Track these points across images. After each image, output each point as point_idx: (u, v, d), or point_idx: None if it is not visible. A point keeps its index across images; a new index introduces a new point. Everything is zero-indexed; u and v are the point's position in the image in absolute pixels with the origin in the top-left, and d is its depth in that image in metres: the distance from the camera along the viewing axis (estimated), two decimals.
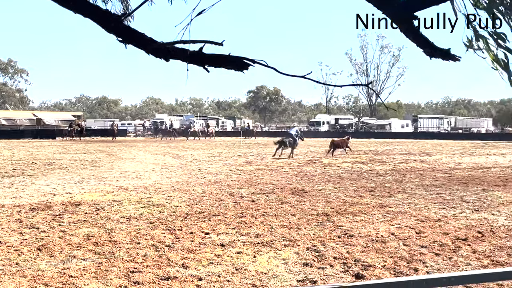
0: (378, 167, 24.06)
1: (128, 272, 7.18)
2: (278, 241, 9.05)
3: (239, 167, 23.54)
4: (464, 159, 29.35)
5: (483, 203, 13.24)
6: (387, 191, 15.56)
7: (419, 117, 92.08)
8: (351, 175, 20.34)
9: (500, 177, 19.41)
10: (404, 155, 33.55)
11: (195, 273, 7.10)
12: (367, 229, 10.06)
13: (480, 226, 10.38)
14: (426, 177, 19.58)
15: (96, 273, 7.15)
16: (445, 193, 15.14)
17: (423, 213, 11.87)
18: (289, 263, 7.64)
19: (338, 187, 16.49)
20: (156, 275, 7.03)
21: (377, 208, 12.44)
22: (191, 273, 7.13)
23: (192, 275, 7.03)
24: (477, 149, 40.11)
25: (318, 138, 67.32)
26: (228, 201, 13.45)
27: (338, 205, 12.83)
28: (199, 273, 7.11)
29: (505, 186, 16.62)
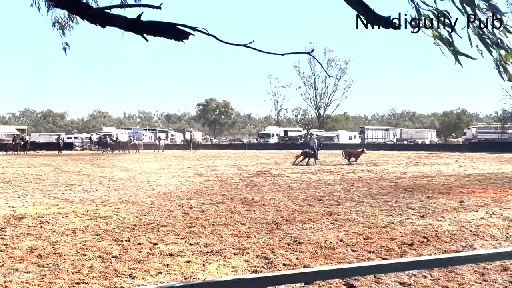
0: (326, 177, 24.35)
1: (73, 283, 6.98)
2: (227, 249, 9.00)
3: (188, 179, 23.37)
4: (410, 169, 30.06)
5: (428, 210, 13.57)
6: (335, 199, 15.74)
7: (366, 128, 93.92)
8: (300, 185, 20.50)
9: (444, 185, 19.96)
10: (351, 165, 34.08)
11: (143, 283, 6.97)
12: (316, 236, 10.14)
13: (425, 232, 10.62)
14: (373, 186, 19.93)
15: (39, 285, 6.92)
16: (392, 200, 15.44)
17: (371, 220, 12.05)
18: (239, 271, 7.61)
19: (288, 196, 16.58)
20: (103, 286, 6.87)
21: (325, 216, 12.56)
22: (139, 283, 7.00)
23: (139, 285, 6.89)
24: (421, 159, 41.17)
25: (268, 150, 67.75)
26: (177, 212, 13.31)
27: (287, 214, 12.89)
28: (147, 283, 6.98)
29: (448, 194, 17.09)
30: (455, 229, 10.95)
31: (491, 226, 11.30)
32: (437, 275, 7.34)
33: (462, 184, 20.37)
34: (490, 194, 17.02)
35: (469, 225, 11.34)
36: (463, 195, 16.72)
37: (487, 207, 14.04)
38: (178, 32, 2.94)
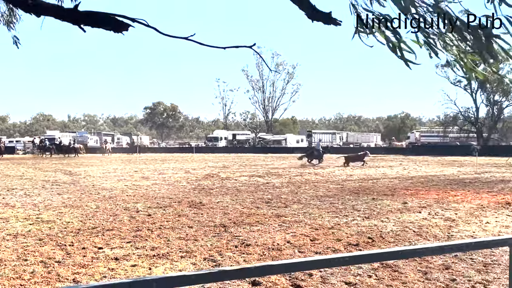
0: (274, 180, 24.48)
1: None
2: (174, 252, 8.90)
3: (135, 183, 23.03)
4: (355, 171, 30.58)
5: (373, 211, 13.83)
6: (283, 202, 15.83)
7: (313, 132, 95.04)
8: (249, 188, 20.53)
9: (388, 187, 20.40)
10: (299, 168, 34.40)
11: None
12: (264, 238, 10.16)
13: (370, 232, 10.81)
14: (320, 188, 20.16)
15: None
16: (338, 202, 15.66)
17: (317, 221, 12.18)
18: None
19: (236, 199, 16.57)
20: None
21: (273, 218, 12.61)
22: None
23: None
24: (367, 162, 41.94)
25: (216, 154, 67.60)
26: (123, 216, 13.08)
27: (235, 216, 12.87)
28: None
29: (393, 195, 17.47)
30: (399, 229, 11.19)
31: (433, 226, 11.61)
32: (381, 274, 7.47)
33: (405, 186, 20.86)
34: (433, 195, 17.49)
35: (412, 226, 11.61)
36: (406, 196, 17.13)
37: (429, 208, 14.42)
38: (116, 23, 2.83)
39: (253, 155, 61.46)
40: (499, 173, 28.51)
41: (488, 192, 18.36)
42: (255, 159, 50.54)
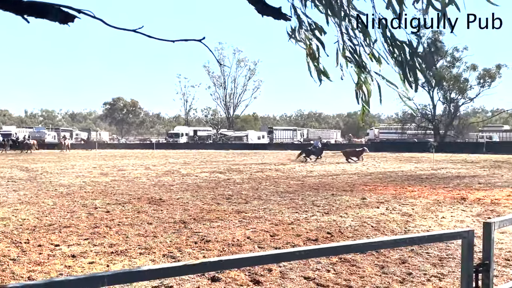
0: (235, 176, 24.49)
1: None
2: (133, 249, 8.80)
3: (94, 179, 22.69)
4: (316, 168, 30.85)
5: (332, 207, 13.97)
6: (243, 198, 15.85)
7: (274, 129, 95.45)
8: (209, 184, 20.47)
9: (348, 183, 20.65)
10: (260, 164, 34.51)
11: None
12: (224, 234, 10.15)
13: (329, 228, 10.92)
14: (280, 184, 20.26)
15: None
16: (298, 198, 15.76)
17: (277, 217, 12.23)
18: None
19: (196, 195, 16.50)
20: None
21: (233, 214, 12.61)
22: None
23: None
24: (327, 158, 42.36)
25: (177, 150, 67.20)
26: (81, 213, 12.86)
27: (195, 213, 12.82)
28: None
29: (352, 191, 17.69)
30: (357, 224, 11.34)
31: (391, 221, 11.80)
32: (339, 269, 7.55)
33: (364, 182, 21.16)
34: (390, 191, 17.79)
35: (370, 221, 11.78)
36: (365, 192, 17.37)
37: (387, 203, 14.66)
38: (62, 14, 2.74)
39: (214, 151, 61.37)
40: (454, 169, 29.20)
41: (444, 188, 18.77)
42: (216, 155, 50.44)
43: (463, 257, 2.88)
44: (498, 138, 76.04)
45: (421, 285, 6.88)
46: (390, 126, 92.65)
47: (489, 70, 70.60)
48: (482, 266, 2.86)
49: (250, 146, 73.76)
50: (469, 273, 2.81)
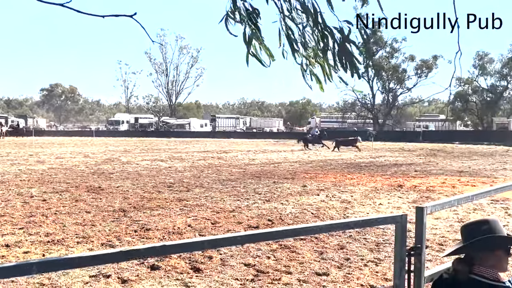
0: (177, 164, 24.30)
1: None
2: (70, 238, 8.59)
3: (30, 167, 21.99)
4: (258, 156, 31.01)
5: (274, 194, 14.09)
6: (185, 186, 15.75)
7: (217, 117, 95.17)
8: (150, 172, 20.23)
9: (289, 171, 20.87)
10: (202, 152, 34.38)
11: None
12: (165, 222, 10.06)
13: (270, 215, 11.01)
14: (222, 172, 20.26)
15: None
16: (240, 186, 15.80)
17: (219, 205, 12.23)
18: None
19: (137, 183, 16.27)
20: None
21: (175, 202, 12.51)
22: None
23: None
24: (269, 147, 42.69)
25: (118, 138, 66.03)
26: (16, 201, 12.45)
27: (136, 201, 12.64)
28: None
29: (293, 179, 17.88)
30: (298, 211, 11.48)
31: (330, 208, 12.01)
32: (280, 255, 7.63)
33: (305, 170, 21.43)
34: (331, 178, 18.10)
35: (310, 208, 11.95)
36: (306, 180, 17.60)
37: (327, 190, 14.90)
38: None
39: (156, 139, 60.65)
40: (392, 157, 29.99)
41: (382, 175, 19.26)
42: (158, 143, 49.88)
43: (397, 241, 2.95)
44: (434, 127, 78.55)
45: (358, 270, 7.03)
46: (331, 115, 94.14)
47: (427, 61, 72.67)
48: (415, 250, 2.94)
49: (192, 134, 73.35)
50: (401, 257, 2.88)
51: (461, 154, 33.59)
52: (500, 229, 2.86)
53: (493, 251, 2.80)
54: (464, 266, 2.81)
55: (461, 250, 2.92)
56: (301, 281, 6.53)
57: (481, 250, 2.81)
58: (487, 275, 2.77)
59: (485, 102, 71.84)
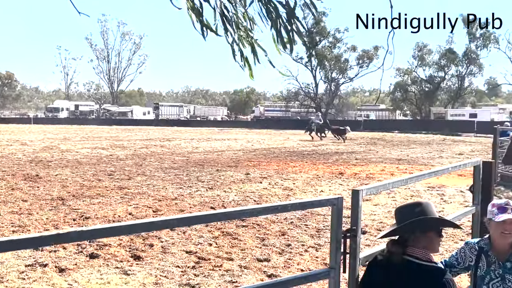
0: (118, 152, 23.89)
1: None
2: (5, 227, 8.33)
3: None
4: (201, 144, 30.86)
5: (217, 182, 14.07)
6: (126, 174, 15.51)
7: (160, 105, 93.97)
8: (90, 160, 19.81)
9: (233, 159, 20.88)
10: (145, 140, 33.92)
11: None
12: (105, 210, 9.89)
13: (213, 202, 11.01)
14: (165, 160, 20.06)
15: None
16: (183, 174, 15.70)
17: (161, 193, 12.12)
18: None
19: (76, 172, 15.90)
20: None
21: (115, 190, 12.31)
22: None
23: None
24: (213, 135, 42.55)
25: (57, 125, 64.26)
26: None
27: (75, 189, 12.36)
28: None
29: (236, 167, 17.91)
30: (241, 199, 11.53)
31: (272, 195, 12.11)
32: (221, 242, 7.64)
33: (249, 158, 21.50)
34: (273, 166, 18.23)
35: (253, 195, 12.02)
36: (249, 168, 17.66)
37: (270, 178, 15.01)
38: None
39: (97, 127, 59.34)
40: (334, 146, 30.46)
41: (324, 163, 19.55)
42: (99, 131, 48.83)
43: (333, 223, 3.00)
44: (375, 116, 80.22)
45: (299, 255, 7.13)
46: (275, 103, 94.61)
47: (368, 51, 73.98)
48: (350, 232, 2.99)
49: (135, 122, 72.21)
50: (337, 238, 2.93)
51: (400, 142, 34.51)
52: (432, 211, 2.95)
53: (425, 232, 2.89)
54: (397, 248, 2.89)
55: (395, 232, 3.00)
56: (242, 267, 6.57)
57: (414, 232, 2.88)
58: (419, 256, 2.85)
59: (424, 92, 73.97)
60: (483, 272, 3.30)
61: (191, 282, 5.95)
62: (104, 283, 5.90)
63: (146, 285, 5.86)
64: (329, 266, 3.04)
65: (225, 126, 64.80)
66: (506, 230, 3.16)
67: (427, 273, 2.81)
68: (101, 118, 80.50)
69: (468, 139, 40.23)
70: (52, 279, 6.00)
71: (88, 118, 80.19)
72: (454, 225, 3.30)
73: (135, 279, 6.04)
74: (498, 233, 3.20)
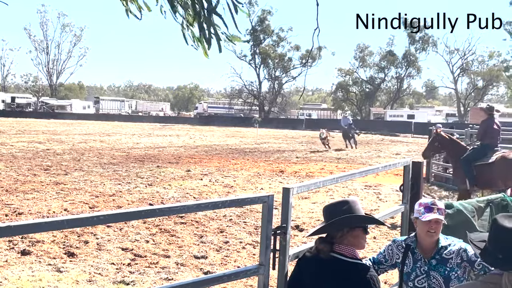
0: (56, 146, 23.28)
1: None
2: None
3: None
4: (142, 140, 30.47)
5: (157, 178, 13.95)
6: (63, 169, 15.16)
7: (101, 99, 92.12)
8: (26, 154, 19.23)
9: (174, 155, 20.73)
10: (84, 135, 33.19)
11: None
12: (39, 206, 9.64)
13: (151, 199, 10.92)
14: (104, 156, 19.70)
15: None
16: (122, 170, 15.47)
17: (99, 189, 11.91)
18: None
19: (11, 166, 15.41)
20: None
21: (51, 186, 12.01)
22: None
23: None
24: (155, 131, 42.06)
25: None
26: None
27: (8, 184, 11.99)
28: None
29: (177, 163, 17.79)
30: (180, 195, 11.48)
31: (212, 192, 12.12)
32: (159, 239, 7.60)
33: (190, 155, 21.40)
34: (215, 163, 18.22)
35: (193, 192, 11.99)
36: (190, 164, 17.58)
37: (211, 175, 15.00)
38: None
39: (35, 120, 57.56)
40: (276, 144, 30.71)
41: (265, 161, 19.69)
42: (37, 124, 47.39)
43: (263, 220, 3.05)
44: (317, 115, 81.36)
45: (236, 253, 7.18)
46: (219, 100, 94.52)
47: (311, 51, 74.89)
48: (280, 229, 3.05)
49: (74, 116, 70.44)
50: (267, 235, 2.98)
51: (339, 142, 35.14)
52: (359, 209, 3.04)
53: (352, 229, 2.97)
54: (325, 245, 2.96)
55: (323, 230, 3.07)
56: (179, 264, 6.56)
57: (340, 229, 2.97)
58: (346, 253, 2.94)
59: (364, 93, 75.66)
60: (410, 269, 3.43)
61: (126, 280, 5.89)
62: (36, 280, 5.77)
63: (79, 283, 5.76)
64: (259, 263, 3.08)
65: (167, 122, 64.19)
66: (432, 229, 3.30)
67: (352, 270, 2.90)
68: (39, 111, 78.16)
69: (405, 139, 41.39)
70: None
71: (25, 111, 77.62)
72: (379, 222, 3.41)
73: (68, 276, 5.92)
74: (424, 231, 3.33)
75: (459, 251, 3.34)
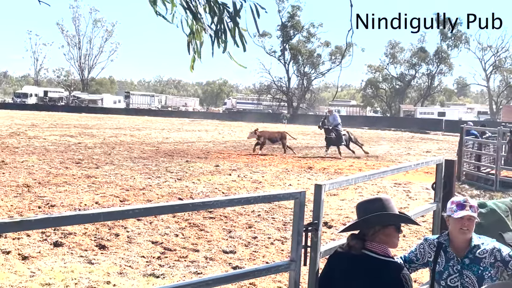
0: (87, 140, 23.63)
1: None
2: None
3: None
4: (172, 134, 30.72)
5: (186, 173, 14.04)
6: (94, 162, 15.37)
7: (132, 93, 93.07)
8: (58, 147, 19.56)
9: (203, 150, 20.85)
10: (114, 129, 33.61)
11: None
12: (71, 198, 9.80)
13: (181, 193, 11.00)
14: (134, 150, 19.92)
15: None
16: (152, 164, 15.62)
17: (129, 182, 12.05)
18: None
19: (43, 159, 15.69)
20: None
21: (82, 179, 12.20)
22: None
23: None
24: (184, 126, 42.36)
25: (25, 111, 63.15)
26: None
27: (41, 177, 12.21)
28: None
29: (206, 158, 17.89)
30: (209, 191, 11.53)
31: (241, 188, 12.15)
32: (188, 233, 7.65)
33: (219, 150, 21.49)
34: (243, 159, 18.26)
35: (221, 187, 12.04)
36: (219, 159, 17.66)
37: (239, 171, 15.04)
38: None
39: (67, 114, 58.52)
40: (305, 140, 30.64)
41: (293, 157, 19.65)
42: (68, 118, 48.16)
43: (295, 216, 3.05)
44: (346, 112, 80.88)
45: (264, 248, 7.19)
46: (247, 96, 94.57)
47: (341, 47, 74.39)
48: (312, 225, 3.04)
49: (105, 110, 71.33)
50: (299, 232, 2.98)
51: (369, 138, 34.83)
52: (392, 207, 3.02)
53: (384, 227, 2.95)
54: (357, 242, 2.95)
55: (355, 226, 3.06)
56: (208, 258, 6.60)
57: (373, 226, 2.95)
58: (378, 250, 2.92)
59: (394, 90, 74.85)
60: (442, 268, 3.38)
61: (156, 273, 5.96)
62: (68, 271, 5.87)
63: (110, 275, 5.85)
64: (290, 259, 3.08)
65: (196, 117, 64.56)
66: (464, 226, 3.26)
67: (384, 268, 2.88)
68: (71, 105, 79.40)
69: (436, 137, 40.87)
70: (15, 266, 5.94)
71: (57, 104, 78.92)
72: (412, 222, 3.37)
73: (99, 268, 6.01)
74: (457, 229, 3.29)
75: (492, 250, 3.28)
